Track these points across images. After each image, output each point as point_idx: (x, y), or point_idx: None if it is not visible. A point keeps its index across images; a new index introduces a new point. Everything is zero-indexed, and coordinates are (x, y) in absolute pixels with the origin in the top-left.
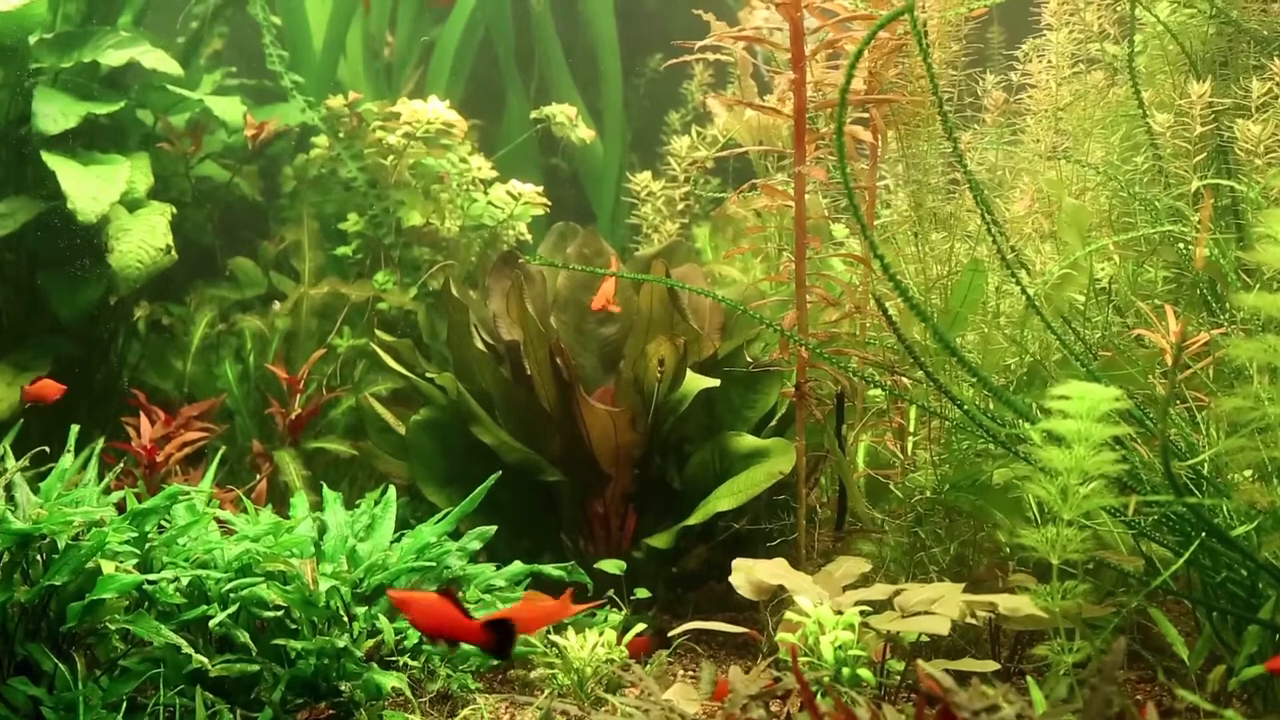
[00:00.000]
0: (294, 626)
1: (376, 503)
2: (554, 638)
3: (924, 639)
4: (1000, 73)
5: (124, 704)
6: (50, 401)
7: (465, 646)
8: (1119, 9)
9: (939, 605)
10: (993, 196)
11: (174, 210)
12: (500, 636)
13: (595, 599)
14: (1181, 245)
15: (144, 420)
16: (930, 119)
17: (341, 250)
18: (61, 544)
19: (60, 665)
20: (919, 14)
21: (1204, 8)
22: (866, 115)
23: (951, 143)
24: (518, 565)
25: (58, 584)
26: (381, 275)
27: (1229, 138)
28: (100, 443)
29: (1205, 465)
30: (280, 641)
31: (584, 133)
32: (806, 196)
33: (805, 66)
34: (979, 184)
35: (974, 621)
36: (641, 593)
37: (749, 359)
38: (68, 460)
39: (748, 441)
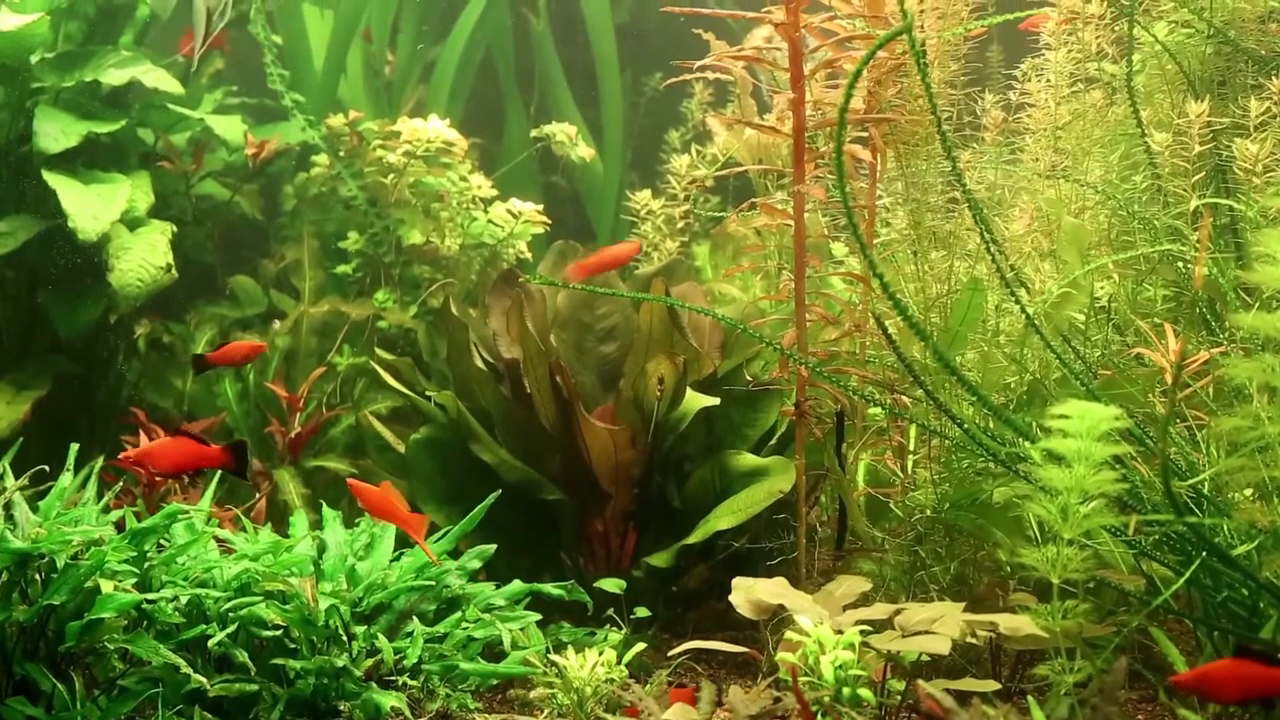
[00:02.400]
0: (293, 646)
1: (376, 521)
2: (554, 657)
3: (924, 658)
4: (999, 92)
5: None
6: (237, 364)
7: (464, 666)
8: (1117, 29)
9: (939, 624)
10: (992, 215)
11: (174, 229)
12: (238, 456)
13: (595, 618)
14: (1181, 264)
15: (144, 438)
16: (929, 138)
17: (342, 268)
18: (60, 563)
19: (59, 685)
20: (918, 34)
21: (1202, 27)
22: (866, 134)
23: (950, 161)
24: (517, 584)
25: (56, 603)
26: (381, 293)
27: (1227, 157)
28: (100, 461)
29: (1205, 484)
30: (279, 661)
31: (584, 151)
32: (806, 215)
33: (804, 86)
34: (978, 203)
35: (975, 641)
36: (641, 611)
37: (749, 377)
38: (67, 479)
39: (748, 460)
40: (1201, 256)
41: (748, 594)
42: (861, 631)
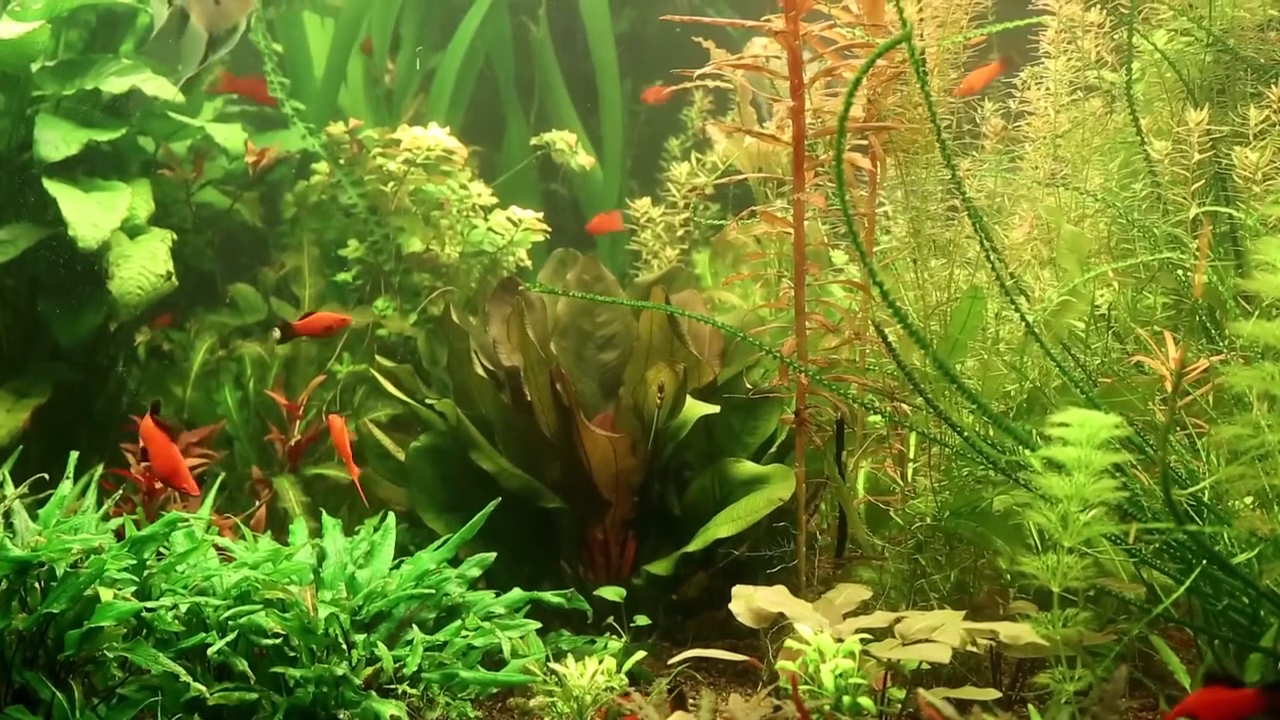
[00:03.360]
0: (292, 654)
1: (376, 529)
2: (554, 665)
3: (925, 667)
4: (999, 100)
5: None
6: (320, 335)
7: (464, 674)
8: (1116, 37)
9: (940, 633)
10: (991, 223)
11: (175, 236)
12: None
13: (595, 626)
14: (1180, 272)
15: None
16: (929, 146)
17: (342, 276)
18: (60, 571)
19: (58, 693)
20: (917, 42)
21: (1201, 36)
22: (865, 142)
23: (950, 169)
24: (517, 592)
25: (56, 611)
26: (381, 301)
27: (1227, 165)
28: (99, 469)
29: (1206, 492)
30: (279, 669)
31: (584, 159)
32: (806, 223)
33: (804, 94)
34: (978, 211)
35: (975, 649)
36: (641, 620)
37: (749, 385)
38: (66, 487)
39: (748, 468)
40: (1201, 264)
41: (748, 602)
42: (862, 639)
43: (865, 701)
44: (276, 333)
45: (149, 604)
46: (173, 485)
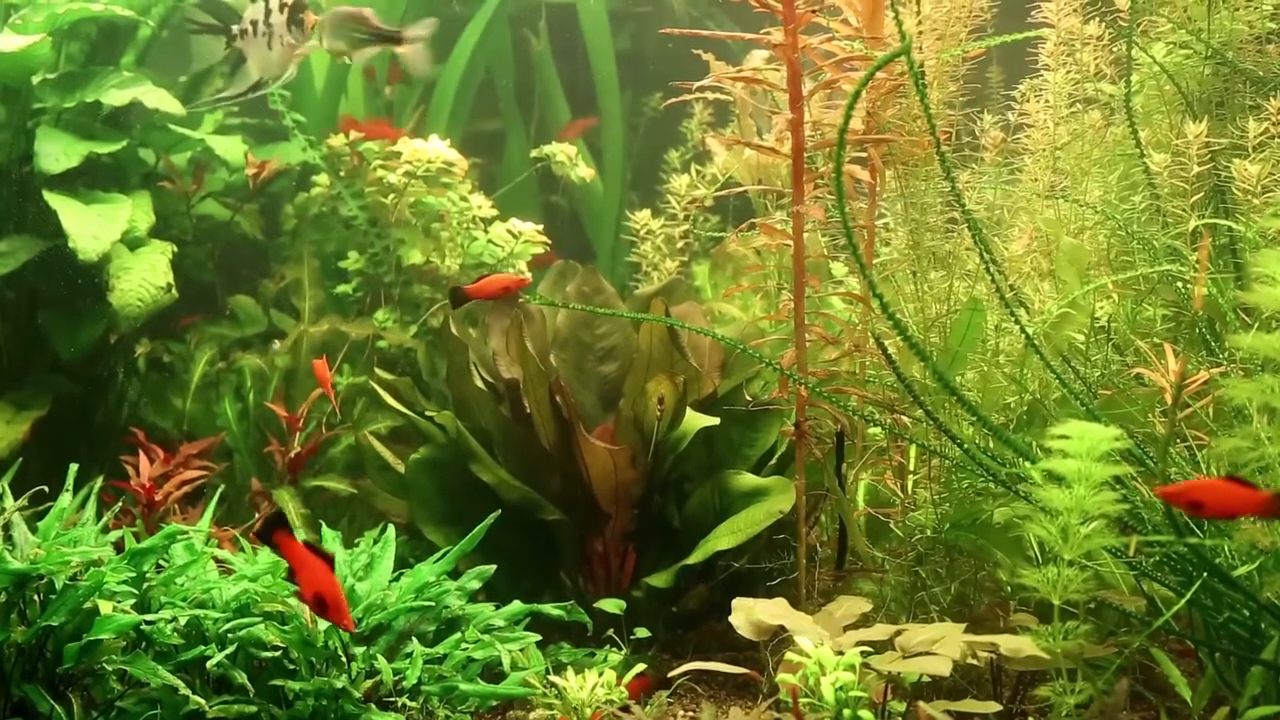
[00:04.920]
0: (292, 667)
1: (375, 541)
2: (553, 678)
3: (925, 680)
4: (998, 112)
5: None
6: (495, 297)
7: (464, 687)
8: (1115, 49)
9: (940, 645)
10: (991, 235)
11: (175, 249)
12: None
13: (595, 639)
14: (1180, 284)
15: (143, 459)
16: (928, 158)
17: (342, 288)
18: (59, 584)
19: (57, 707)
20: (916, 55)
21: (1200, 49)
22: (865, 154)
23: (950, 182)
24: (517, 605)
25: (55, 624)
26: (381, 313)
27: (1226, 177)
28: (99, 481)
29: None
30: (278, 682)
31: (584, 171)
32: (805, 235)
33: (803, 106)
34: (977, 223)
35: (975, 662)
36: (641, 632)
37: (748, 397)
38: (66, 499)
39: (747, 480)
40: (1201, 277)
41: (748, 615)
42: (862, 652)
43: (866, 715)
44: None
45: (148, 617)
46: (323, 616)
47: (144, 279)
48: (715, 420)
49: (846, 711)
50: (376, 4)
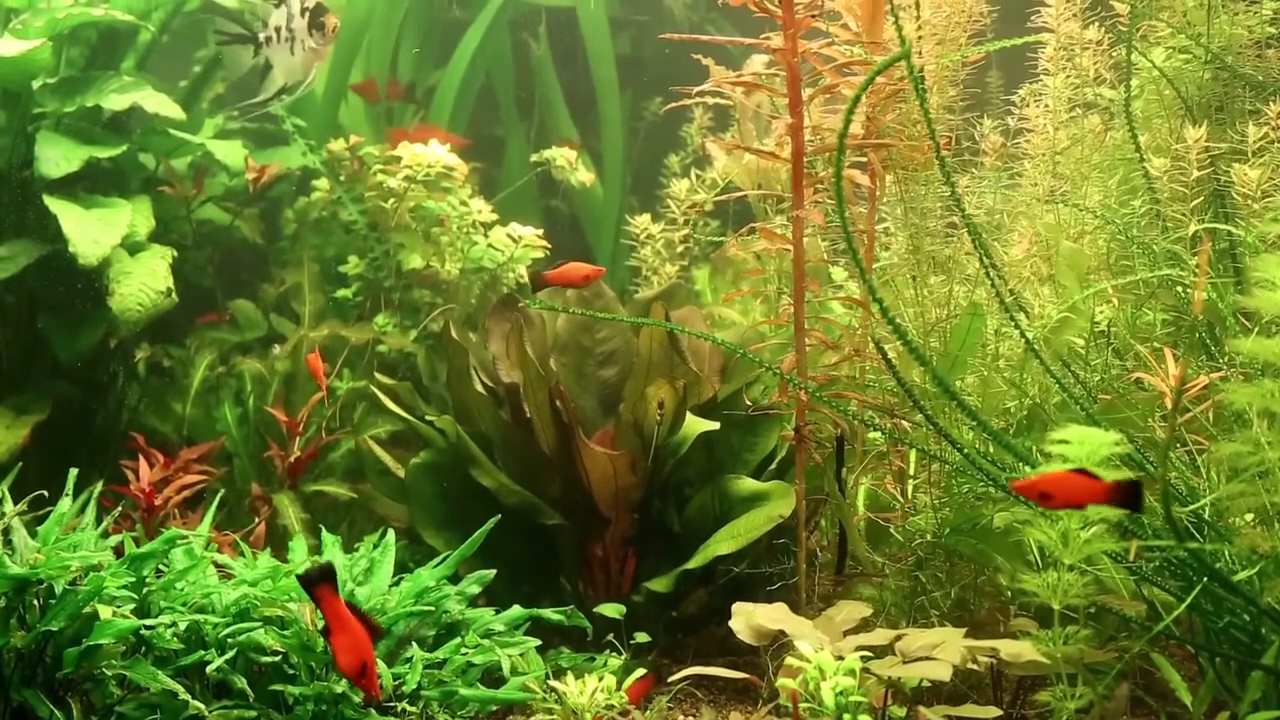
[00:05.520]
0: (292, 672)
1: (375, 546)
2: (553, 683)
3: (925, 684)
4: (998, 117)
5: None
6: (575, 284)
7: (464, 692)
8: (1115, 54)
9: (940, 650)
10: (991, 240)
11: (175, 253)
12: None
13: (595, 643)
14: (1180, 289)
15: (143, 463)
16: (928, 163)
17: (342, 293)
18: (59, 589)
19: (56, 712)
20: (916, 59)
21: (1199, 53)
22: (864, 159)
23: (949, 186)
24: (517, 609)
25: (54, 629)
26: (381, 318)
27: (1226, 182)
28: (99, 486)
29: (1206, 510)
30: (278, 687)
31: (584, 176)
32: (805, 240)
33: (803, 111)
34: (977, 227)
35: (976, 667)
36: (641, 637)
37: (748, 402)
38: (66, 504)
39: (747, 485)
40: (1201, 281)
41: (748, 619)
42: (862, 657)
43: (866, 719)
44: (527, 284)
45: (148, 621)
46: (354, 682)
47: (144, 283)
48: (715, 425)
49: (846, 716)
50: (378, 11)
